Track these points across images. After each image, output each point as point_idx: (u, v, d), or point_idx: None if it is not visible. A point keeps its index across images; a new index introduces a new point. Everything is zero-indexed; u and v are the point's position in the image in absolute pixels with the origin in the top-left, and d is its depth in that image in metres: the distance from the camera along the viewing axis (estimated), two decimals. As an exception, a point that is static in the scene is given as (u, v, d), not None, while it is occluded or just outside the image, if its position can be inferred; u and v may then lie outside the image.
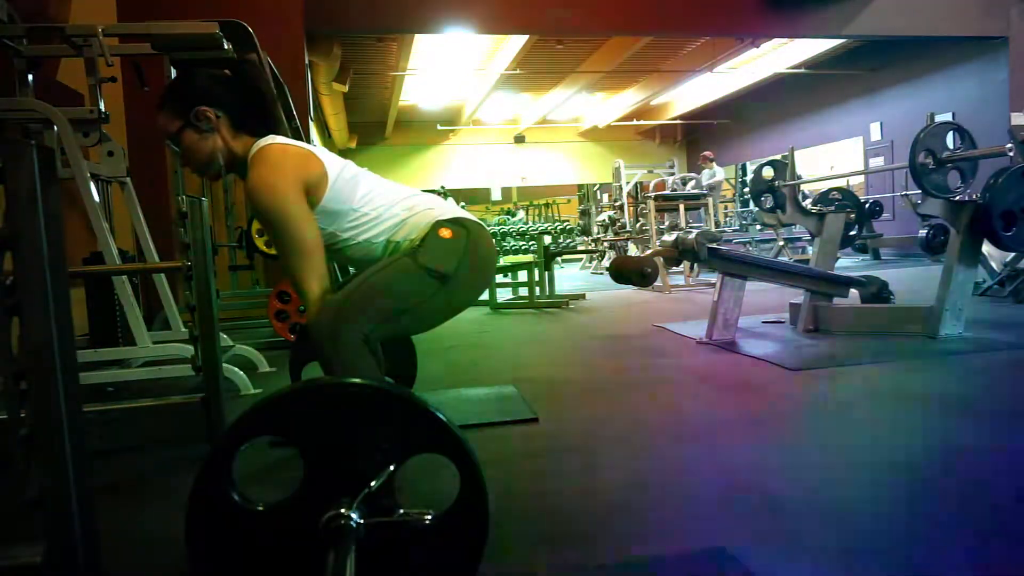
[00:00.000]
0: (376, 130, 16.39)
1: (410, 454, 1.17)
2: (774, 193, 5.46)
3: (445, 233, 1.65)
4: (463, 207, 2.08)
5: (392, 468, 1.13)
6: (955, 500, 1.69)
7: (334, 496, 1.12)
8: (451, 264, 1.63)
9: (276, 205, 1.53)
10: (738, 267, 4.09)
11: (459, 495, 1.16)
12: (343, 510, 1.09)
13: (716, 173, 11.20)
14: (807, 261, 5.54)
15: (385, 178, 1.84)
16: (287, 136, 1.74)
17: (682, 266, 7.86)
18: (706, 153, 11.60)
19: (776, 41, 11.53)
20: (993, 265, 5.25)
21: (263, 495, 1.19)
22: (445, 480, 1.71)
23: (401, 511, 1.14)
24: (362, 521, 1.10)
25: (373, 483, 1.11)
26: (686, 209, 8.51)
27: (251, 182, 1.58)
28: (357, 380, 1.20)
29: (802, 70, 12.51)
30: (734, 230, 11.94)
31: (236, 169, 1.73)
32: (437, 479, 1.93)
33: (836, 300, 4.21)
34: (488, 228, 1.96)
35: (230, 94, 1.70)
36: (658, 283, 6.50)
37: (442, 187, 12.96)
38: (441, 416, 1.15)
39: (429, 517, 1.13)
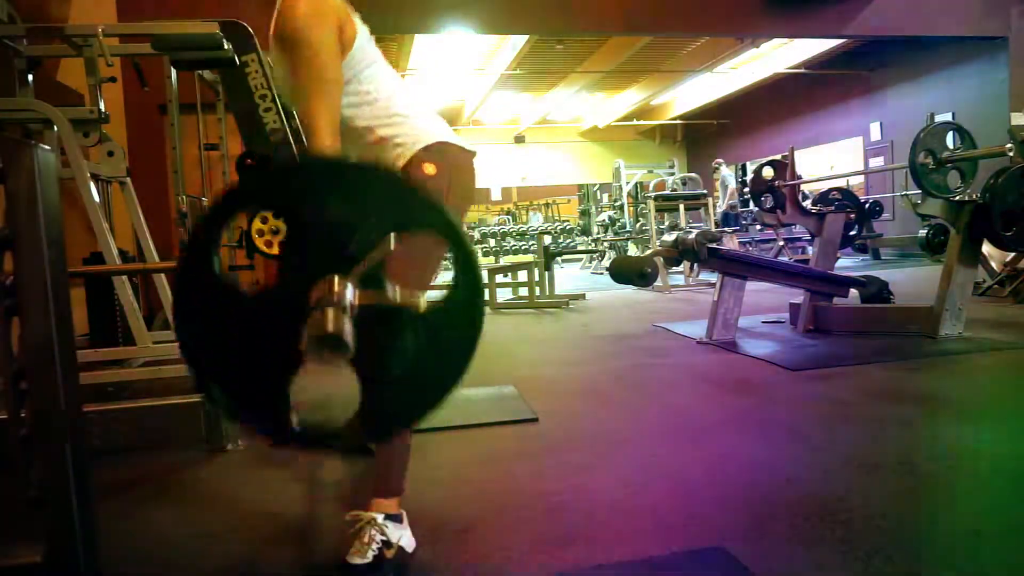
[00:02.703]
0: (376, 130, 16.37)
1: (400, 230, 1.11)
2: (774, 193, 5.46)
3: (429, 170, 1.57)
4: None
5: (385, 244, 1.06)
6: (955, 499, 1.69)
7: (324, 275, 1.05)
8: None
9: (308, 29, 1.42)
10: (738, 267, 4.09)
11: (452, 279, 1.10)
12: (334, 285, 1.03)
13: (727, 179, 11.25)
14: (807, 261, 5.54)
15: None
16: None
17: (682, 266, 7.86)
18: (718, 160, 11.70)
19: (776, 41, 11.52)
20: (993, 265, 5.24)
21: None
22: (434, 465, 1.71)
23: (395, 295, 1.08)
24: (354, 300, 1.04)
25: (366, 258, 1.05)
26: (687, 209, 8.51)
27: (282, 5, 1.47)
28: (346, 158, 1.15)
29: (802, 70, 12.50)
30: (734, 230, 11.94)
31: None
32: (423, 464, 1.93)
33: (836, 300, 4.21)
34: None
35: None
36: (658, 283, 6.51)
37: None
38: (437, 201, 1.09)
39: (421, 303, 1.08)
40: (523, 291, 6.98)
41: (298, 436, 1.10)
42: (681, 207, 8.47)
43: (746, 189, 10.52)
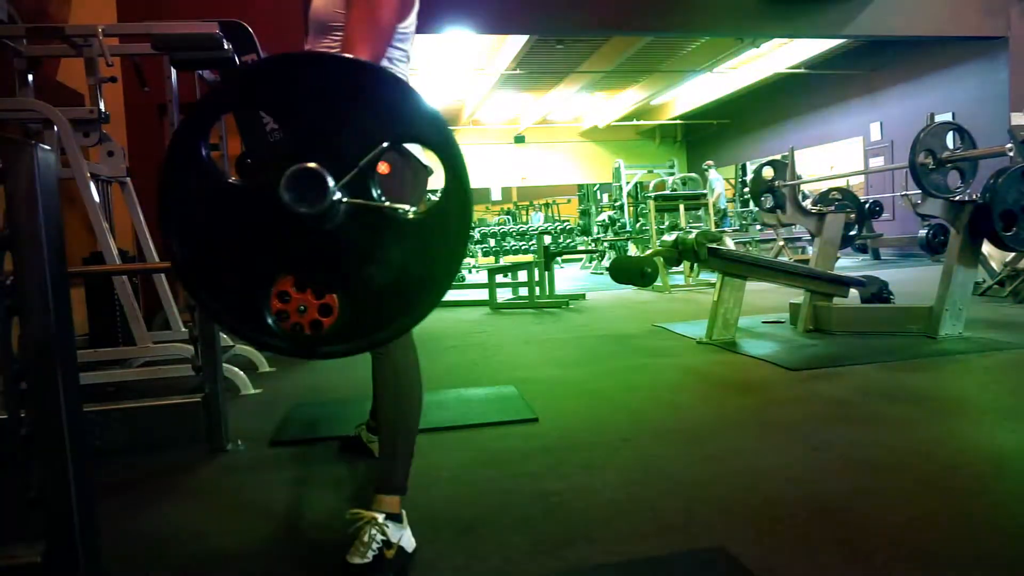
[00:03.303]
0: (376, 130, 16.37)
1: (394, 140, 1.07)
2: (774, 193, 5.46)
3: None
4: None
5: (376, 152, 1.04)
6: (955, 499, 1.69)
7: (312, 172, 1.02)
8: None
9: None
10: (738, 267, 4.09)
11: (443, 189, 1.07)
12: (322, 183, 1.01)
13: (714, 183, 11.28)
14: (807, 261, 5.54)
15: None
16: None
17: (682, 266, 7.86)
18: (709, 162, 11.75)
19: (776, 41, 11.53)
20: (993, 265, 5.25)
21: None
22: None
23: (385, 201, 1.06)
24: (345, 200, 1.02)
25: (361, 162, 1.02)
26: (687, 209, 8.51)
27: None
28: (341, 55, 1.13)
29: (802, 70, 12.51)
30: (734, 230, 11.94)
31: None
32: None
33: (836, 300, 4.21)
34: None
35: None
36: (658, 283, 6.51)
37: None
38: (428, 104, 1.06)
39: (411, 212, 1.06)
40: (523, 291, 6.98)
41: (271, 336, 1.08)
42: (681, 207, 8.47)
43: (746, 189, 10.55)
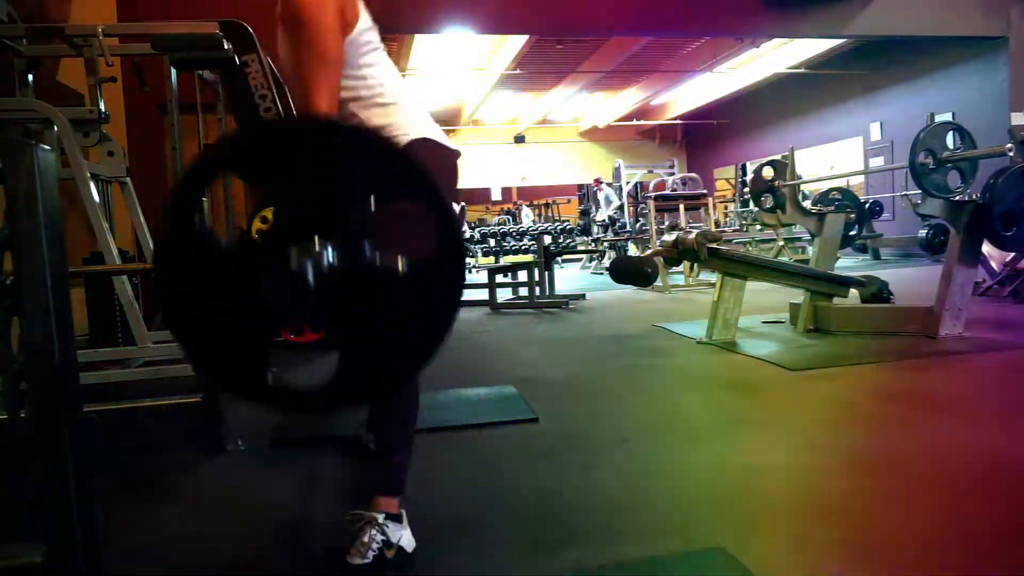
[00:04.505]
0: (376, 130, 16.37)
1: (382, 195, 1.09)
2: (774, 193, 5.46)
3: None
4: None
5: (364, 206, 1.06)
6: (955, 499, 1.69)
7: (304, 235, 1.04)
8: None
9: (310, 9, 1.44)
10: (738, 267, 4.09)
11: (436, 242, 1.08)
12: (314, 246, 1.03)
13: (611, 197, 11.63)
14: (807, 261, 5.54)
15: None
16: None
17: (682, 266, 7.86)
18: (597, 178, 12.19)
19: (776, 41, 11.53)
20: (993, 265, 5.24)
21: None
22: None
23: (376, 257, 1.07)
24: (333, 260, 1.04)
25: (348, 218, 1.05)
26: (687, 209, 8.51)
27: None
28: (325, 117, 1.15)
29: (802, 70, 12.50)
30: (734, 230, 11.94)
31: None
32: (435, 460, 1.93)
33: (836, 300, 4.21)
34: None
35: None
36: (658, 283, 6.51)
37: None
38: (414, 159, 1.08)
39: (403, 264, 1.07)
40: (523, 291, 6.98)
41: (273, 395, 1.08)
42: (681, 207, 8.47)
43: (746, 189, 10.55)
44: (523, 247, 11.79)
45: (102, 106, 3.04)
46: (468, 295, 7.11)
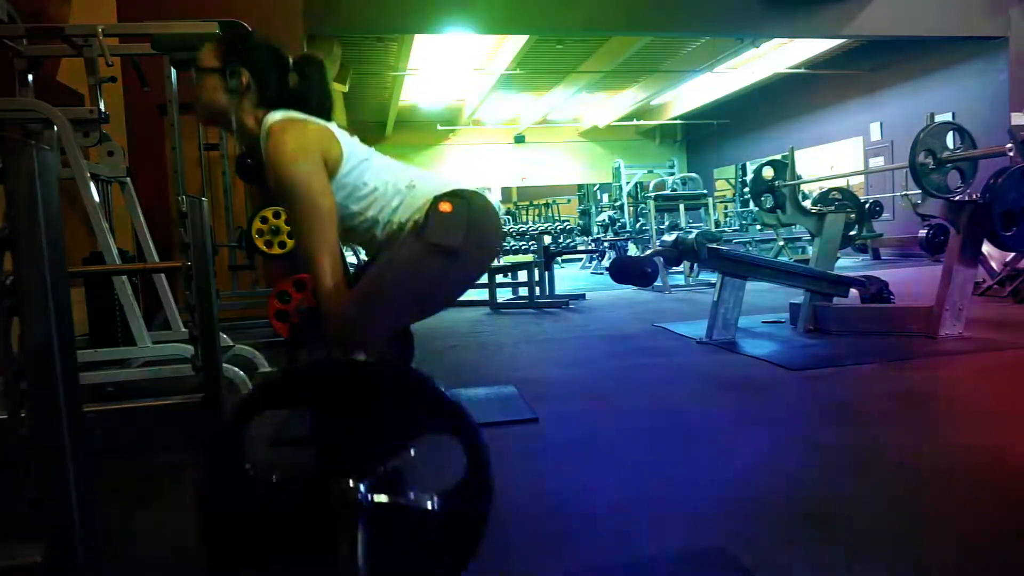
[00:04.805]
0: (376, 130, 16.39)
1: (421, 435, 1.21)
2: (774, 193, 5.46)
3: (445, 207, 1.60)
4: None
5: (404, 450, 1.18)
6: (955, 499, 1.69)
7: (345, 471, 1.15)
8: (458, 237, 1.58)
9: (295, 167, 1.53)
10: (738, 267, 4.09)
11: (465, 479, 1.20)
12: (353, 485, 1.13)
13: None
14: (807, 261, 5.54)
15: None
16: None
17: (682, 266, 7.86)
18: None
19: (776, 41, 11.53)
20: (993, 265, 5.24)
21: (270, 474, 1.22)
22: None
23: (411, 494, 1.18)
24: (371, 498, 1.14)
25: (386, 462, 1.15)
26: (687, 209, 8.51)
27: (271, 149, 1.56)
28: (373, 361, 1.23)
29: (802, 70, 12.51)
30: (734, 230, 11.94)
31: (238, 134, 1.72)
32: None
33: (836, 300, 4.21)
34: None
35: (278, 82, 1.68)
36: (658, 283, 6.51)
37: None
38: (458, 402, 1.19)
39: (433, 503, 1.17)
40: (523, 291, 6.98)
41: None
42: (681, 207, 8.47)
43: (746, 189, 10.56)
44: (523, 247, 11.79)
45: (102, 106, 3.04)
46: (468, 295, 7.10)
